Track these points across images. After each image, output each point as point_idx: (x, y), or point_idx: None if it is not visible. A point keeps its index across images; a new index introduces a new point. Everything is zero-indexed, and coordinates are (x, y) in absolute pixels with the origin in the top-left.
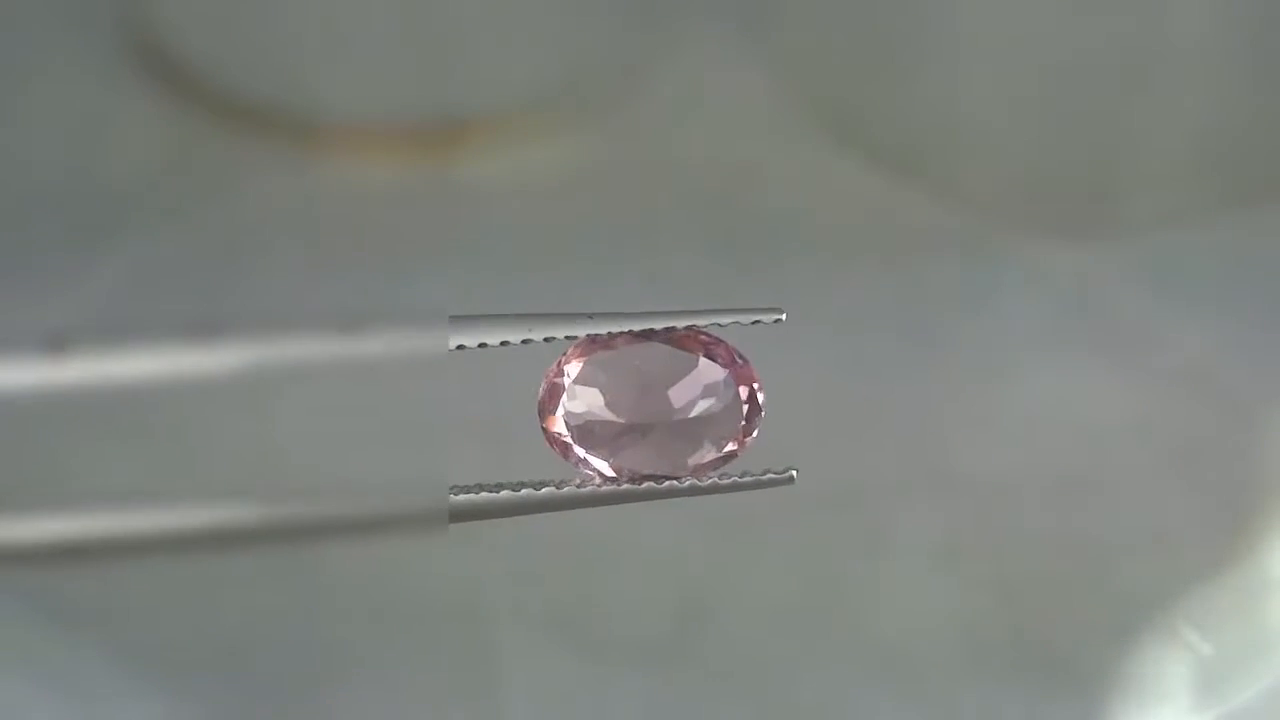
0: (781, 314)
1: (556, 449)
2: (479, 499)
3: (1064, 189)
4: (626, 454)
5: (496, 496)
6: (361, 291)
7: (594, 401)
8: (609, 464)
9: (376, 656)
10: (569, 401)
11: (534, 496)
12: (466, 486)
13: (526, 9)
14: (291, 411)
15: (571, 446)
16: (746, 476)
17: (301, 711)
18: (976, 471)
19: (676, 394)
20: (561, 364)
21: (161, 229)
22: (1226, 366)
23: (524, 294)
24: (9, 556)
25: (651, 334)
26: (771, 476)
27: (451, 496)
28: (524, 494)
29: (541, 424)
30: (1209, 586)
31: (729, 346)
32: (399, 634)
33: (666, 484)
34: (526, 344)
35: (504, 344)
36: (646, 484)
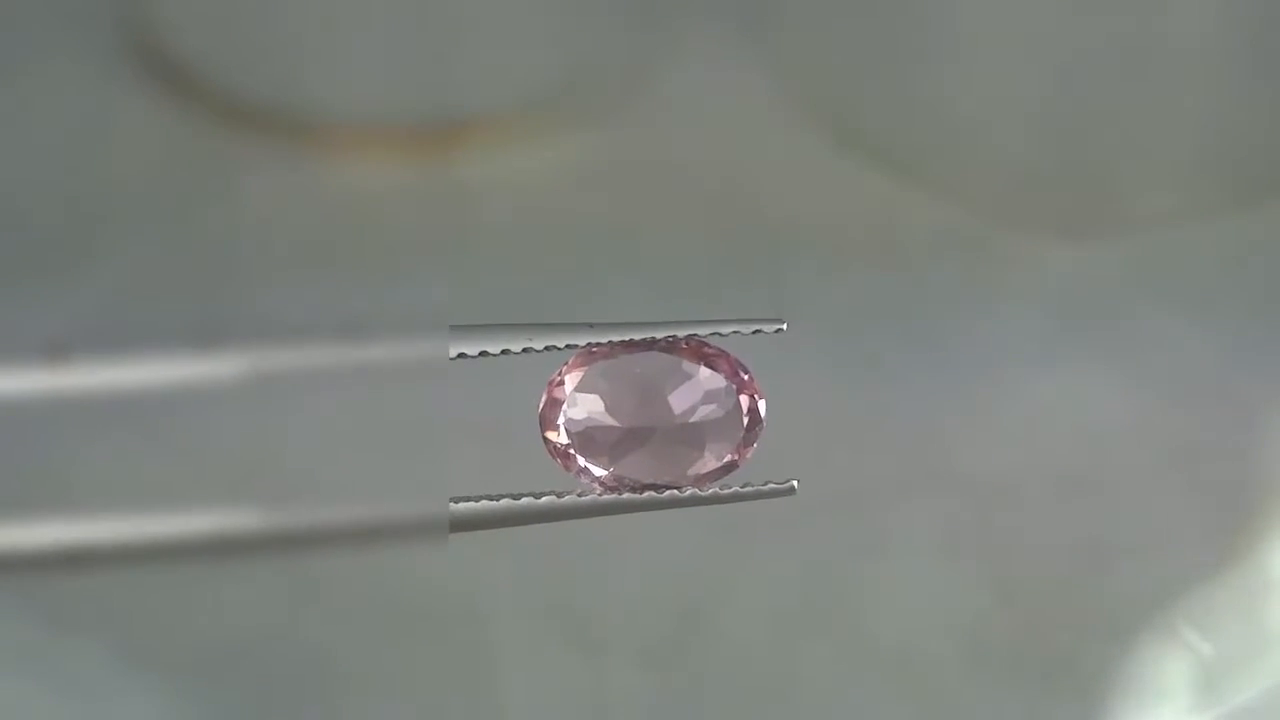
0: (782, 324)
1: (558, 459)
2: (479, 508)
3: (1064, 189)
4: (627, 461)
5: (497, 506)
6: (361, 291)
7: (594, 408)
8: (610, 473)
9: (377, 656)
10: (569, 409)
11: (534, 506)
12: (467, 496)
13: (526, 9)
14: (292, 420)
15: (573, 456)
16: (747, 487)
17: (301, 711)
18: (976, 472)
19: (677, 400)
20: (562, 373)
21: (161, 229)
22: (1226, 366)
23: (523, 294)
24: (10, 563)
25: (652, 343)
26: (773, 487)
27: (452, 506)
28: (524, 503)
29: (543, 434)
30: (1209, 586)
31: (731, 358)
32: (399, 634)
33: (667, 494)
34: (527, 353)
35: (505, 353)
36: (647, 493)
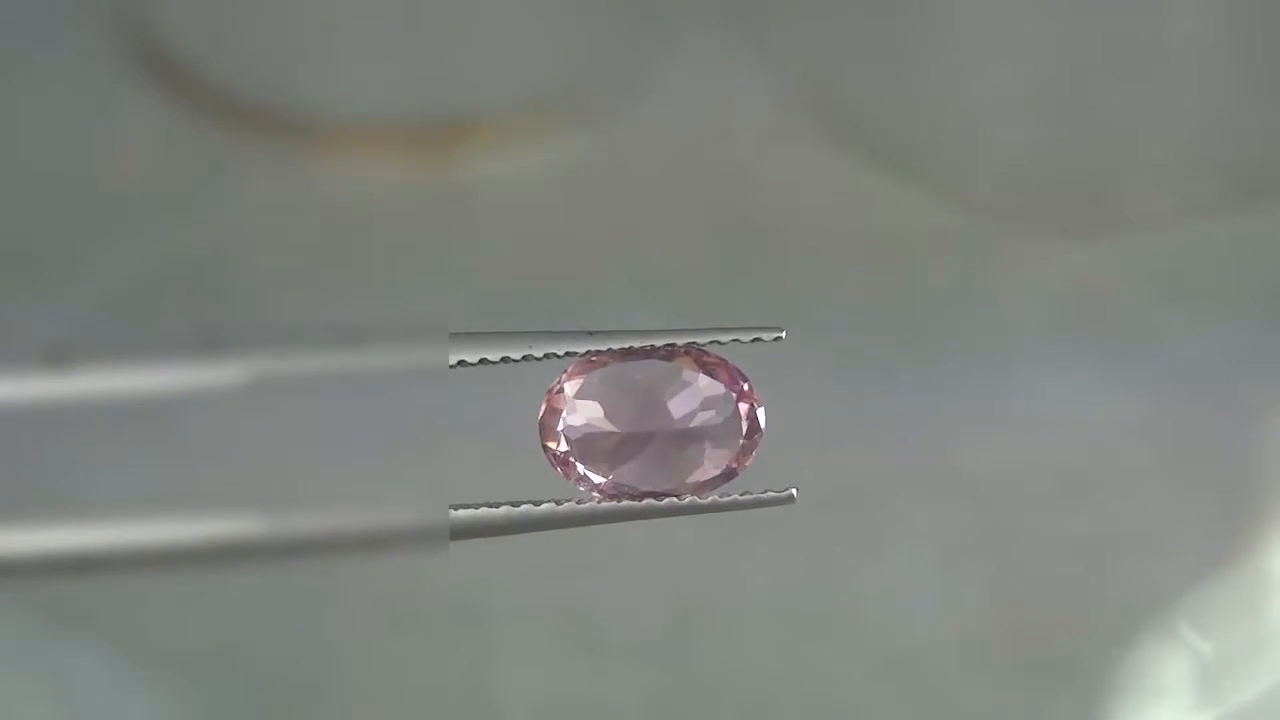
0: (781, 332)
1: (557, 467)
2: (479, 516)
3: (1064, 189)
4: (626, 468)
5: (496, 513)
6: (361, 292)
7: (593, 413)
8: (609, 481)
9: (376, 656)
10: (568, 415)
11: (534, 513)
12: (467, 503)
13: (527, 9)
14: (292, 426)
15: (573, 465)
16: (746, 495)
17: (301, 712)
18: (976, 471)
19: (676, 406)
20: (562, 381)
21: (161, 229)
22: (1226, 367)
23: (522, 295)
24: (10, 569)
25: (652, 351)
26: (772, 495)
27: (452, 513)
28: (524, 511)
29: (542, 442)
30: (1209, 586)
31: (730, 367)
32: (399, 634)
33: (666, 501)
34: (527, 361)
35: (504, 360)
36: (646, 501)
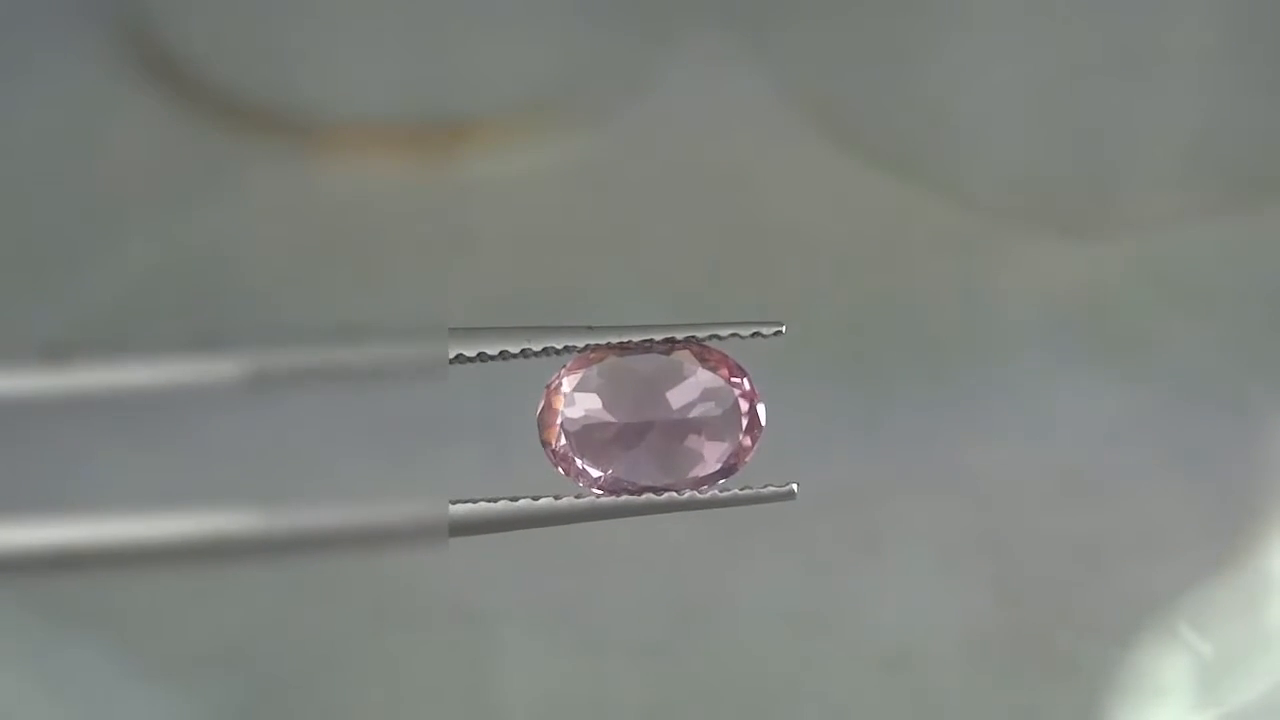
0: (781, 327)
1: (557, 464)
2: (479, 511)
3: (1064, 189)
4: (625, 461)
5: (496, 508)
6: (360, 291)
7: (591, 405)
8: (609, 475)
9: (376, 656)
10: (567, 409)
11: (533, 509)
12: (466, 498)
13: (527, 9)
14: (291, 422)
15: (571, 460)
16: (746, 490)
17: (301, 711)
18: (976, 472)
19: (675, 396)
20: (561, 376)
21: (161, 229)
22: (1226, 367)
23: (522, 294)
24: (10, 567)
25: (651, 345)
26: (772, 490)
27: (451, 508)
28: (523, 506)
29: (541, 437)
30: (1209, 586)
31: (730, 362)
32: (399, 634)
33: (666, 496)
34: (525, 355)
35: (503, 355)
36: (645, 495)
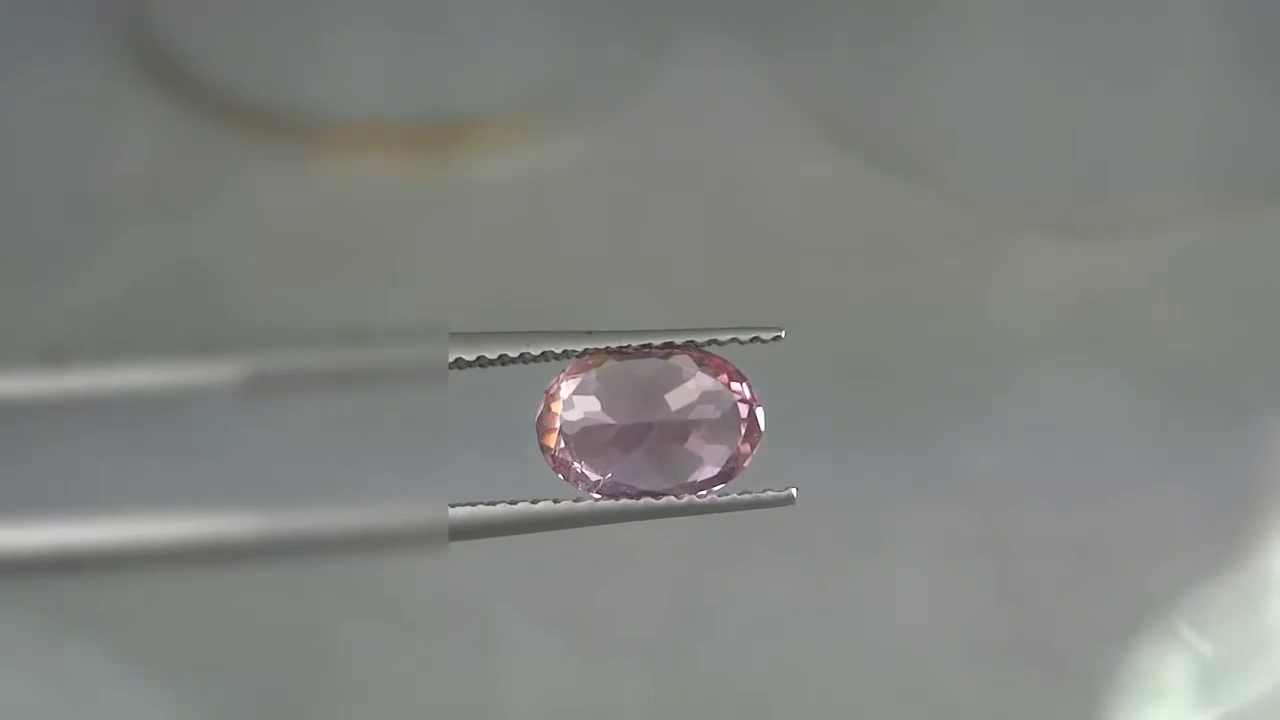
0: (780, 332)
1: (556, 469)
2: (479, 515)
3: (1064, 189)
4: (624, 463)
5: (495, 512)
6: (360, 292)
7: (590, 408)
8: (608, 479)
9: (377, 656)
10: (566, 413)
11: (533, 513)
12: (465, 502)
13: (526, 10)
14: (291, 425)
15: (570, 464)
16: (745, 494)
17: (301, 711)
18: (976, 472)
19: (674, 398)
20: (560, 380)
21: (161, 229)
22: (1226, 367)
23: (522, 295)
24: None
25: (650, 350)
26: (772, 495)
27: (451, 513)
28: (523, 509)
29: (540, 442)
30: (1209, 586)
31: (730, 367)
32: (399, 634)
33: (665, 500)
34: (524, 360)
35: (502, 359)
36: (644, 500)
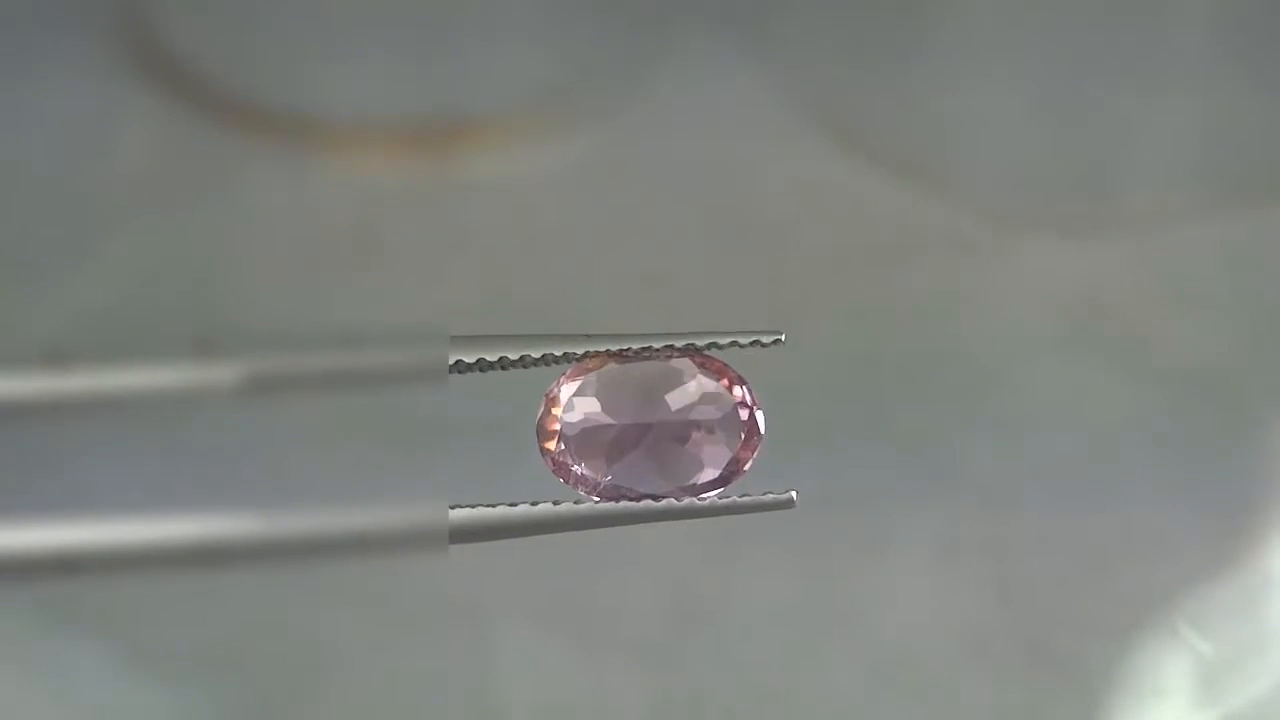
0: (780, 335)
1: (557, 472)
2: (478, 516)
3: (1064, 189)
4: (624, 465)
5: (495, 514)
6: (361, 292)
7: (590, 408)
8: (608, 482)
9: (376, 656)
10: (566, 414)
11: (533, 515)
12: (465, 504)
13: (527, 10)
14: (291, 426)
15: (570, 467)
16: (745, 497)
17: (301, 711)
18: (976, 472)
19: (674, 398)
20: (560, 383)
21: (160, 229)
22: (1226, 366)
23: (522, 295)
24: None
25: (650, 353)
26: (772, 498)
27: (451, 514)
28: (523, 511)
29: (540, 445)
30: (1209, 586)
31: (730, 371)
32: (399, 634)
33: (665, 502)
34: (524, 362)
35: (502, 361)
36: (644, 502)
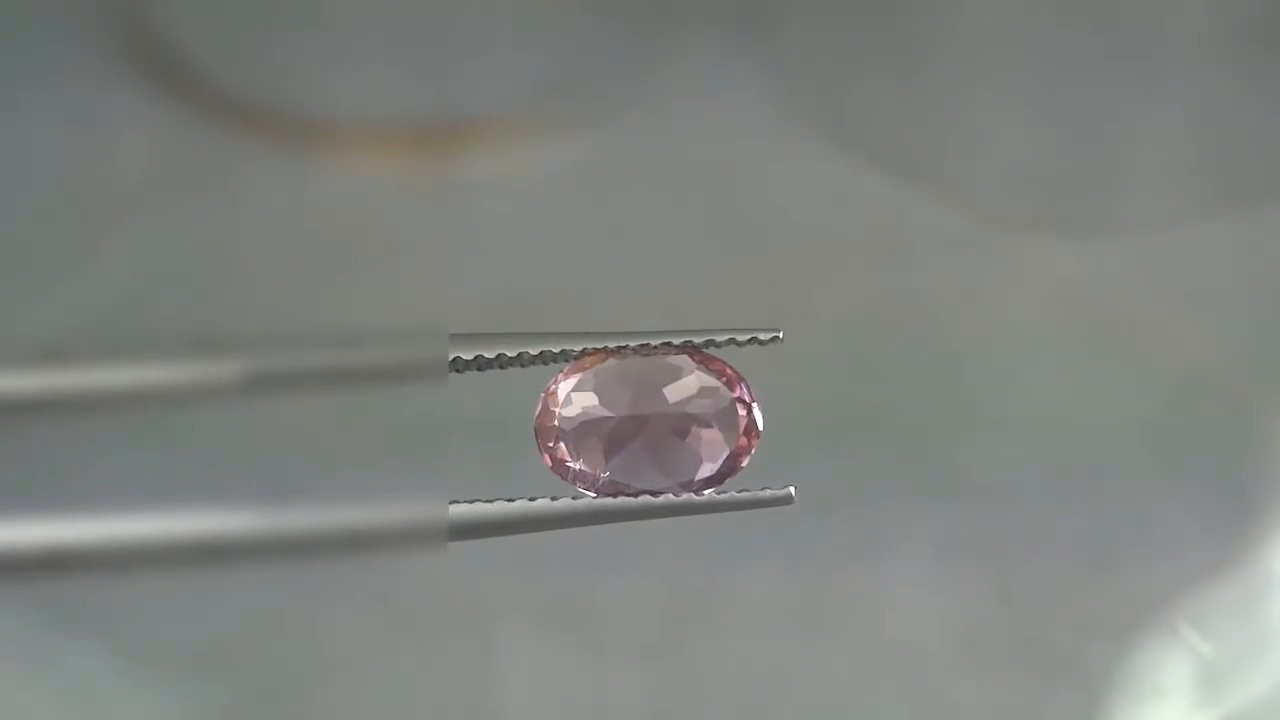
0: (779, 333)
1: (555, 469)
2: (478, 512)
3: (1064, 189)
4: (622, 458)
5: (494, 510)
6: (361, 292)
7: (588, 402)
8: (607, 479)
9: (376, 655)
10: (564, 409)
11: (532, 511)
12: (464, 500)
13: (527, 9)
14: (291, 424)
15: (569, 464)
16: (744, 493)
17: (301, 711)
18: (976, 471)
19: (671, 391)
20: (558, 381)
21: (161, 229)
22: (1226, 366)
23: (522, 295)
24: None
25: (648, 350)
26: (770, 494)
27: (450, 511)
28: (522, 508)
29: (539, 443)
30: (1209, 586)
31: (729, 370)
32: (399, 633)
33: (663, 498)
34: (523, 361)
35: (501, 359)
36: (643, 498)
